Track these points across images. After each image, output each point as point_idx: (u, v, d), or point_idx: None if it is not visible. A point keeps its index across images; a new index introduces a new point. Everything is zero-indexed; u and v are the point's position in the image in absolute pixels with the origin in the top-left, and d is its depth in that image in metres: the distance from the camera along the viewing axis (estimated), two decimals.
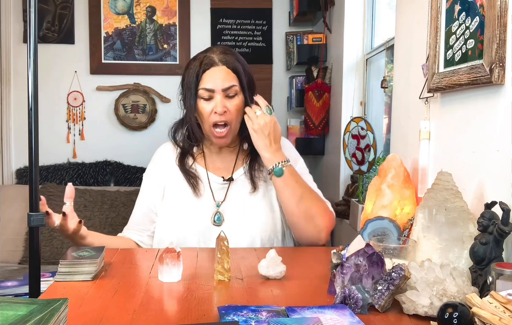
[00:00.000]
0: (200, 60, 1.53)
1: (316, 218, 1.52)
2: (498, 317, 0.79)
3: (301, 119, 3.68)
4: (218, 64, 1.52)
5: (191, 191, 1.58)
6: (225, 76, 1.51)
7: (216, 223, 1.54)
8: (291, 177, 1.51)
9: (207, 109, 1.51)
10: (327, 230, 1.54)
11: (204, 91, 1.50)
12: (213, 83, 1.50)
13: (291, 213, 1.52)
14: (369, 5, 2.91)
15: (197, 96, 1.52)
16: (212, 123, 1.52)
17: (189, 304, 1.04)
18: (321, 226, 1.53)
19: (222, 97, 1.50)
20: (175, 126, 1.65)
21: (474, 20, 1.24)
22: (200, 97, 1.52)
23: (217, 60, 1.52)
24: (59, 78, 3.69)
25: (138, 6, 3.77)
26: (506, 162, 1.12)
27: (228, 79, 1.51)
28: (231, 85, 1.51)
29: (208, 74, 1.51)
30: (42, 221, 1.38)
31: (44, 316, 0.76)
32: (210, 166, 1.63)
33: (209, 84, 1.50)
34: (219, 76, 1.50)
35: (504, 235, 1.01)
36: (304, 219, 1.51)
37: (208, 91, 1.50)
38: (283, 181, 1.50)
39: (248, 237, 1.53)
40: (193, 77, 1.52)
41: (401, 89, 1.82)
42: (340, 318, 0.91)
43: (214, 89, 1.50)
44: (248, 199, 1.58)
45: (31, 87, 1.36)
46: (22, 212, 3.16)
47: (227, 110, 1.51)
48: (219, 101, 1.50)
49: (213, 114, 1.50)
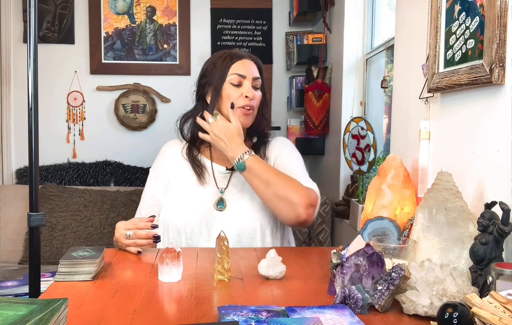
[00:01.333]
0: (230, 53, 1.67)
1: (289, 197, 1.50)
2: (498, 317, 0.79)
3: (301, 119, 3.68)
4: (247, 58, 1.67)
5: (196, 178, 1.65)
6: (254, 69, 1.66)
7: (219, 208, 1.60)
8: (254, 167, 1.54)
9: (235, 93, 1.61)
10: (303, 204, 1.49)
11: (236, 76, 1.62)
12: (245, 70, 1.63)
13: (264, 199, 1.55)
14: (369, 5, 2.91)
15: (226, 81, 1.61)
16: (241, 105, 1.61)
17: (189, 304, 1.04)
18: (295, 203, 1.49)
19: (250, 85, 1.62)
20: (183, 117, 1.72)
21: (474, 20, 1.24)
22: (230, 83, 1.61)
23: (246, 55, 1.68)
24: (59, 78, 3.69)
25: (138, 6, 3.77)
26: (506, 162, 1.12)
27: (256, 72, 1.66)
28: (258, 77, 1.66)
29: (240, 63, 1.64)
30: (42, 221, 1.38)
31: (44, 316, 0.76)
32: (214, 157, 1.69)
33: (241, 70, 1.63)
34: (250, 67, 1.65)
35: (504, 235, 1.01)
36: (277, 202, 1.51)
37: (240, 76, 1.62)
38: (248, 172, 1.55)
39: (249, 223, 1.57)
40: (225, 64, 1.63)
41: (401, 89, 1.82)
42: (340, 318, 0.91)
43: (246, 76, 1.62)
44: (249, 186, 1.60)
45: (31, 87, 1.36)
46: (22, 212, 3.16)
47: (254, 96, 1.63)
48: (248, 87, 1.62)
49: (242, 98, 1.61)
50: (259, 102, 1.66)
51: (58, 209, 3.20)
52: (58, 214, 3.18)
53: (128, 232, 1.44)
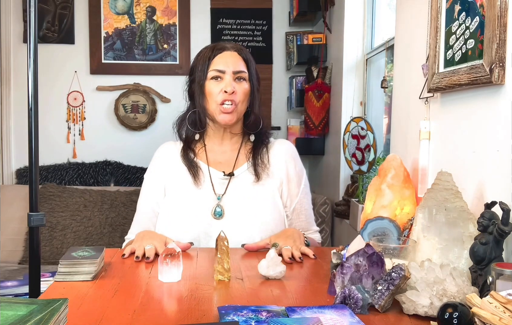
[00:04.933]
0: (213, 46, 1.63)
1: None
2: (498, 317, 0.79)
3: (301, 119, 3.68)
4: (230, 49, 1.61)
5: (192, 181, 1.60)
6: (236, 61, 1.59)
7: (217, 216, 1.55)
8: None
9: (216, 89, 1.57)
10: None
11: (215, 72, 1.57)
12: (224, 64, 1.58)
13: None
14: (369, 5, 2.91)
15: (206, 78, 1.58)
16: (220, 101, 1.56)
17: (189, 304, 1.04)
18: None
19: (231, 79, 1.57)
20: (179, 119, 1.69)
21: (474, 20, 1.24)
22: (210, 78, 1.58)
23: (229, 46, 1.62)
24: (59, 78, 3.69)
25: (138, 6, 3.77)
26: (506, 162, 1.12)
27: (238, 64, 1.59)
28: (240, 70, 1.59)
29: (220, 57, 1.59)
30: (42, 221, 1.38)
31: (44, 316, 0.76)
32: (211, 161, 1.64)
33: (220, 65, 1.58)
34: (230, 59, 1.59)
35: (504, 235, 1.01)
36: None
37: (219, 72, 1.57)
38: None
39: (248, 233, 1.53)
40: (205, 59, 1.59)
41: (401, 89, 1.82)
42: (340, 318, 0.91)
43: (225, 70, 1.57)
44: (249, 193, 1.59)
45: (31, 87, 1.36)
46: (22, 212, 3.16)
47: (235, 91, 1.56)
48: (228, 81, 1.56)
49: (222, 93, 1.56)
50: (244, 96, 1.59)
51: (58, 209, 3.20)
52: (58, 214, 3.18)
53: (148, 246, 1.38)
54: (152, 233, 1.51)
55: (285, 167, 1.64)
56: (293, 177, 1.65)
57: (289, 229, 1.55)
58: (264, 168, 1.62)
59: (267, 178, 1.61)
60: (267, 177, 1.61)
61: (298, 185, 1.65)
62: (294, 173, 1.65)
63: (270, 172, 1.62)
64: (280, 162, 1.64)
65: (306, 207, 1.67)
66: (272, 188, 1.61)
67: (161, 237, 1.46)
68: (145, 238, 1.45)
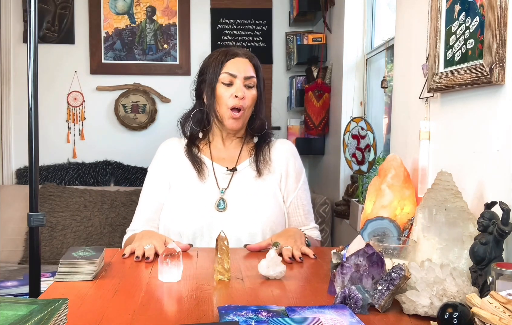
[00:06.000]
0: (225, 51, 1.67)
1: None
2: (498, 317, 0.79)
3: (301, 119, 3.68)
4: (242, 56, 1.66)
5: (196, 175, 1.64)
6: (247, 67, 1.64)
7: (220, 209, 1.59)
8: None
9: (226, 93, 1.61)
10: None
11: (227, 76, 1.62)
12: (236, 69, 1.62)
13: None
14: (369, 5, 2.91)
15: (218, 80, 1.62)
16: (230, 106, 1.61)
17: (189, 304, 1.04)
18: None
19: (241, 84, 1.62)
20: (184, 116, 1.72)
21: (474, 20, 1.24)
22: (221, 82, 1.62)
23: (241, 53, 1.67)
24: (59, 78, 3.69)
25: (138, 6, 3.77)
26: (506, 162, 1.12)
27: (249, 70, 1.64)
28: (251, 76, 1.64)
29: (232, 62, 1.64)
30: (42, 221, 1.38)
31: (44, 316, 0.76)
32: (215, 157, 1.69)
33: (232, 70, 1.62)
34: (242, 65, 1.64)
35: (504, 235, 1.01)
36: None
37: (230, 75, 1.62)
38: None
39: (250, 226, 1.56)
40: (217, 62, 1.64)
41: (401, 89, 1.82)
42: (340, 318, 0.91)
43: (237, 75, 1.62)
44: (251, 187, 1.63)
45: (31, 87, 1.36)
46: (22, 212, 3.16)
47: (244, 96, 1.61)
48: (239, 86, 1.61)
49: (232, 98, 1.60)
50: (252, 102, 1.64)
51: (58, 209, 3.20)
52: (58, 214, 3.18)
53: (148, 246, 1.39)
54: (152, 232, 1.51)
55: (286, 163, 1.69)
56: (292, 173, 1.69)
57: (291, 229, 1.57)
58: (265, 165, 1.67)
59: (268, 174, 1.66)
60: (268, 173, 1.66)
61: (297, 181, 1.70)
62: (293, 170, 1.70)
63: (271, 168, 1.67)
64: (281, 159, 1.69)
65: (304, 203, 1.70)
66: (273, 183, 1.66)
67: (160, 237, 1.47)
68: (145, 238, 1.45)
